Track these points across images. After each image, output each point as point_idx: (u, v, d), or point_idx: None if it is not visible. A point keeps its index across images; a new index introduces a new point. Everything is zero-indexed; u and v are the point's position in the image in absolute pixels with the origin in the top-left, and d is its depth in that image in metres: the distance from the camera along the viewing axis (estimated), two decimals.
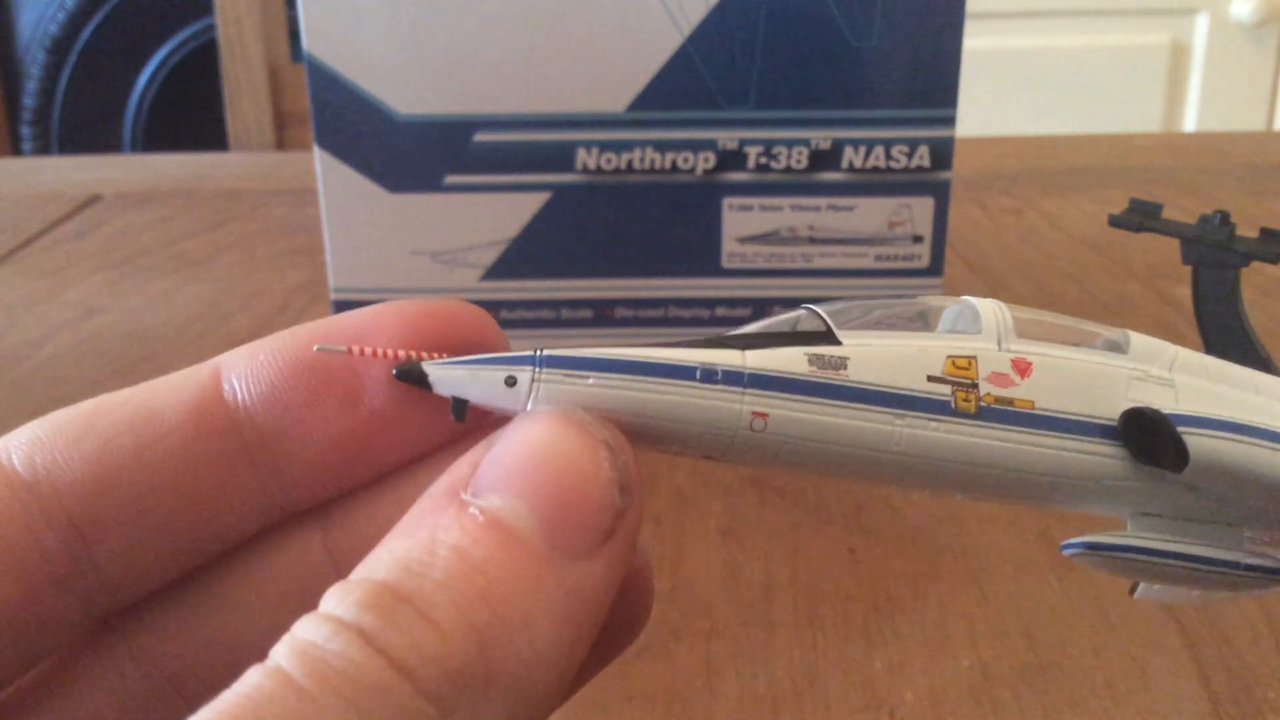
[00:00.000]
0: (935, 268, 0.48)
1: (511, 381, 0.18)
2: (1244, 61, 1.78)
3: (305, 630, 0.14)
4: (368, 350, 0.18)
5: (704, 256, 0.48)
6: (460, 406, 0.18)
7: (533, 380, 0.18)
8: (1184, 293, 0.24)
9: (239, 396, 0.19)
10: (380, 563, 0.15)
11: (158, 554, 0.19)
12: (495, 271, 0.48)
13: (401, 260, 0.48)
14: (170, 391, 0.19)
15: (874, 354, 0.19)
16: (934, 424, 0.19)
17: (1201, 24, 1.78)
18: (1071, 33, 1.76)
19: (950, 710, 0.31)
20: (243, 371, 0.19)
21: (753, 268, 0.48)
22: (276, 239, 0.72)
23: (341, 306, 0.49)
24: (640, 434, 0.18)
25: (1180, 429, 0.19)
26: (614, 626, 0.21)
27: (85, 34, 1.56)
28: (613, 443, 0.17)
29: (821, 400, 0.18)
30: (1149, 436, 0.19)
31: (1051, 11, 1.76)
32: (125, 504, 0.18)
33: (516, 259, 0.48)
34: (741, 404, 0.18)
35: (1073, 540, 0.20)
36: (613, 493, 0.16)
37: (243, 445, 0.19)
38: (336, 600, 0.15)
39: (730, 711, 0.31)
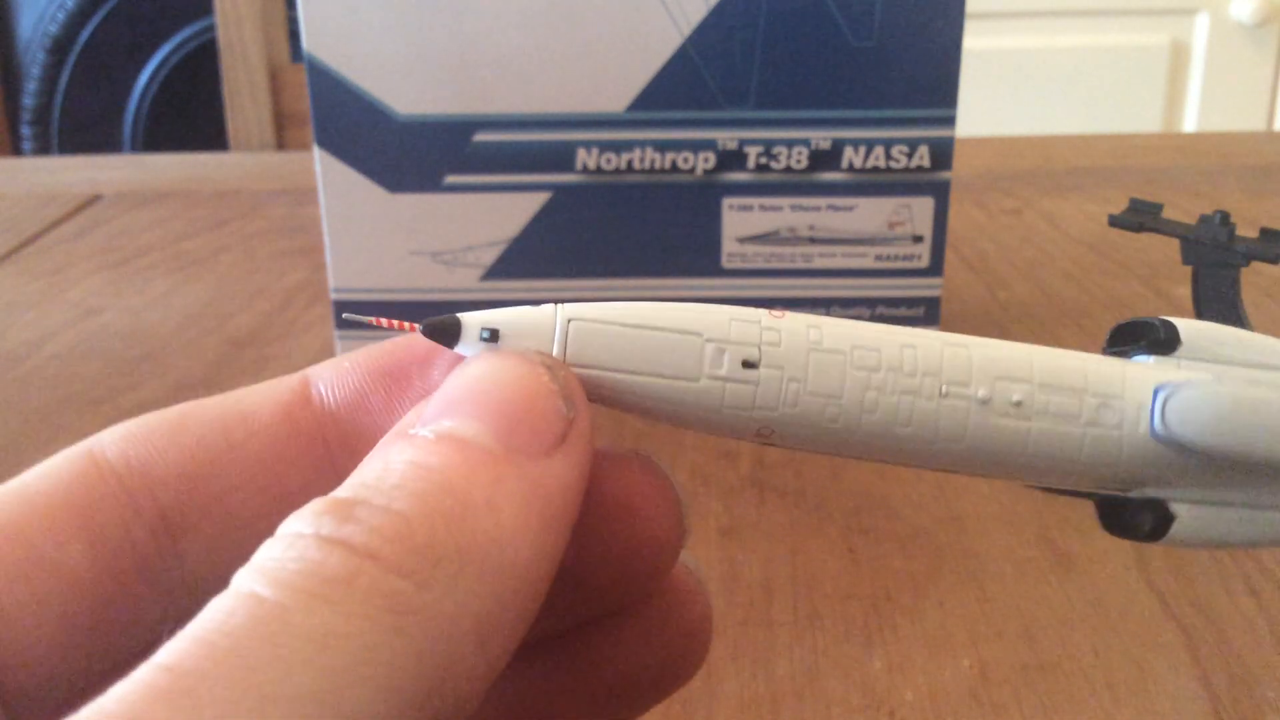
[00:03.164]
0: (935, 268, 0.48)
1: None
2: (1244, 61, 1.78)
3: (263, 552, 0.14)
4: (395, 323, 0.19)
5: (704, 256, 0.48)
6: None
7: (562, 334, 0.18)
8: (1184, 293, 0.24)
9: (325, 400, 0.20)
10: (337, 490, 0.15)
11: (242, 551, 0.19)
12: (495, 271, 0.48)
13: (401, 260, 0.48)
14: (260, 396, 0.20)
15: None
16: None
17: (1201, 24, 1.78)
18: (1071, 33, 1.77)
19: (950, 710, 0.31)
20: (328, 377, 0.20)
21: (753, 268, 0.48)
22: (276, 239, 0.72)
23: (341, 306, 0.49)
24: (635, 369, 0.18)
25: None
26: (665, 662, 0.21)
27: (85, 34, 1.56)
28: (550, 364, 0.17)
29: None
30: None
31: (1051, 11, 1.76)
32: (214, 500, 0.19)
33: (516, 259, 0.48)
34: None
35: None
36: (557, 401, 0.17)
37: (326, 447, 0.20)
38: (292, 520, 0.15)
39: (730, 711, 0.31)
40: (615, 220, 0.48)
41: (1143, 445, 0.19)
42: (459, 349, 0.18)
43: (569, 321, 0.18)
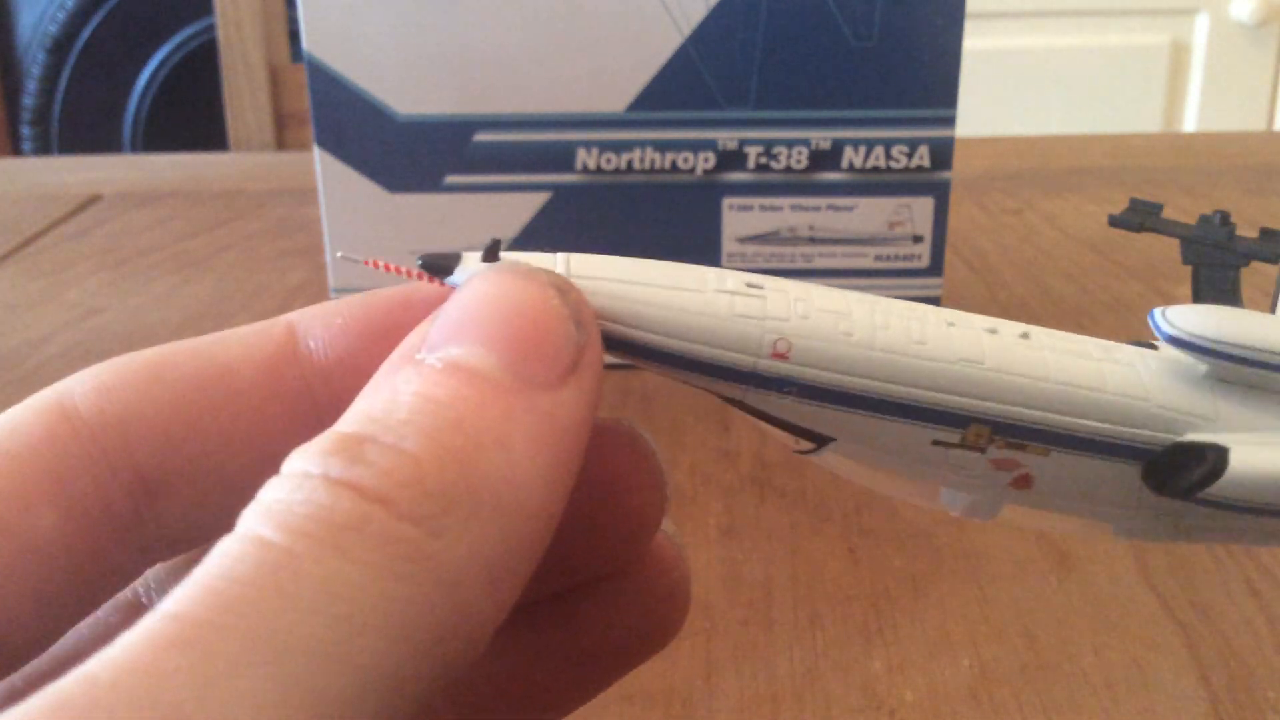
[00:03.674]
0: (935, 268, 0.48)
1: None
2: (1244, 61, 1.78)
3: (269, 492, 0.14)
4: (393, 266, 0.18)
5: (704, 256, 0.48)
6: None
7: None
8: (1184, 293, 0.24)
9: (313, 356, 0.19)
10: (342, 421, 0.15)
11: (219, 510, 0.18)
12: None
13: (401, 260, 0.48)
14: (242, 347, 0.19)
15: None
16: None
17: (1201, 24, 1.78)
18: (1071, 33, 1.77)
19: (950, 710, 0.31)
20: (320, 334, 0.19)
21: (753, 268, 0.48)
22: (276, 239, 0.72)
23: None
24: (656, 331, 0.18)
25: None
26: (646, 627, 0.21)
27: (85, 34, 1.56)
28: (560, 285, 0.16)
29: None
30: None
31: (1051, 11, 1.76)
32: (194, 460, 0.18)
33: None
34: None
35: (1160, 323, 0.19)
36: (568, 326, 0.16)
37: (313, 405, 0.19)
38: (296, 457, 0.14)
39: (730, 711, 0.31)
40: (615, 220, 0.48)
41: (1161, 371, 0.19)
42: (457, 276, 0.18)
43: (569, 258, 0.18)
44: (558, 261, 0.18)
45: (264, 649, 0.12)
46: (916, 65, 0.45)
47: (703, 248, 0.48)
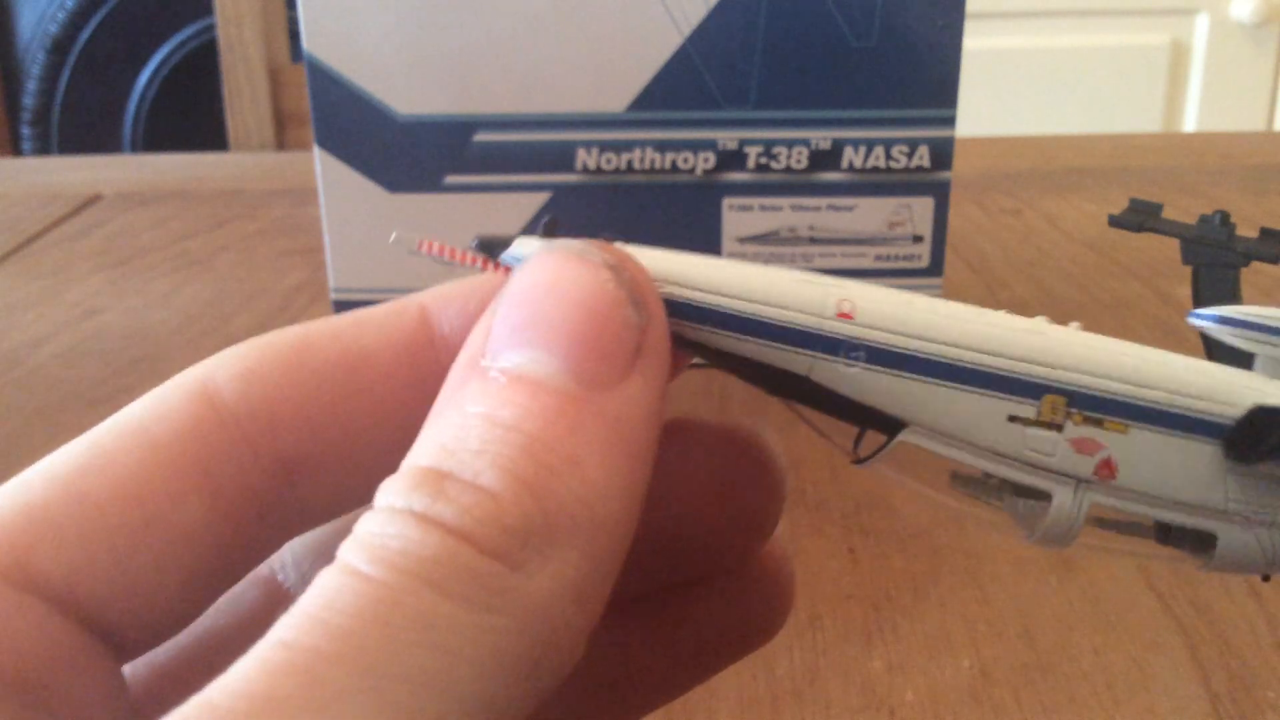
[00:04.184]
0: (935, 268, 0.48)
1: None
2: (1244, 61, 1.78)
3: (364, 525, 0.14)
4: (447, 249, 0.18)
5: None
6: None
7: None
8: (1184, 293, 0.24)
9: (450, 341, 0.19)
10: (420, 449, 0.15)
11: (356, 488, 0.19)
12: None
13: (401, 260, 0.48)
14: (379, 331, 0.19)
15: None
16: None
17: (1201, 24, 1.78)
18: (1071, 33, 1.77)
19: (950, 710, 0.31)
20: (453, 318, 0.19)
21: None
22: (276, 239, 0.72)
23: (341, 306, 0.49)
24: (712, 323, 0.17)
25: None
26: (750, 625, 0.21)
27: (85, 34, 1.56)
28: (613, 262, 0.16)
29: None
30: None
31: (1051, 11, 1.76)
32: (335, 444, 0.18)
33: None
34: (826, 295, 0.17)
35: (1203, 311, 0.19)
36: (626, 311, 0.16)
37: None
38: (386, 492, 0.15)
39: (730, 711, 0.31)
40: (615, 220, 0.48)
41: (1211, 365, 0.19)
42: (514, 249, 0.17)
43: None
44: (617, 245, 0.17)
45: (369, 677, 0.13)
46: (916, 65, 0.45)
47: (703, 248, 0.48)
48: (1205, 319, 0.19)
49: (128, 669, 0.18)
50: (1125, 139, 0.97)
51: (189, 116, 1.51)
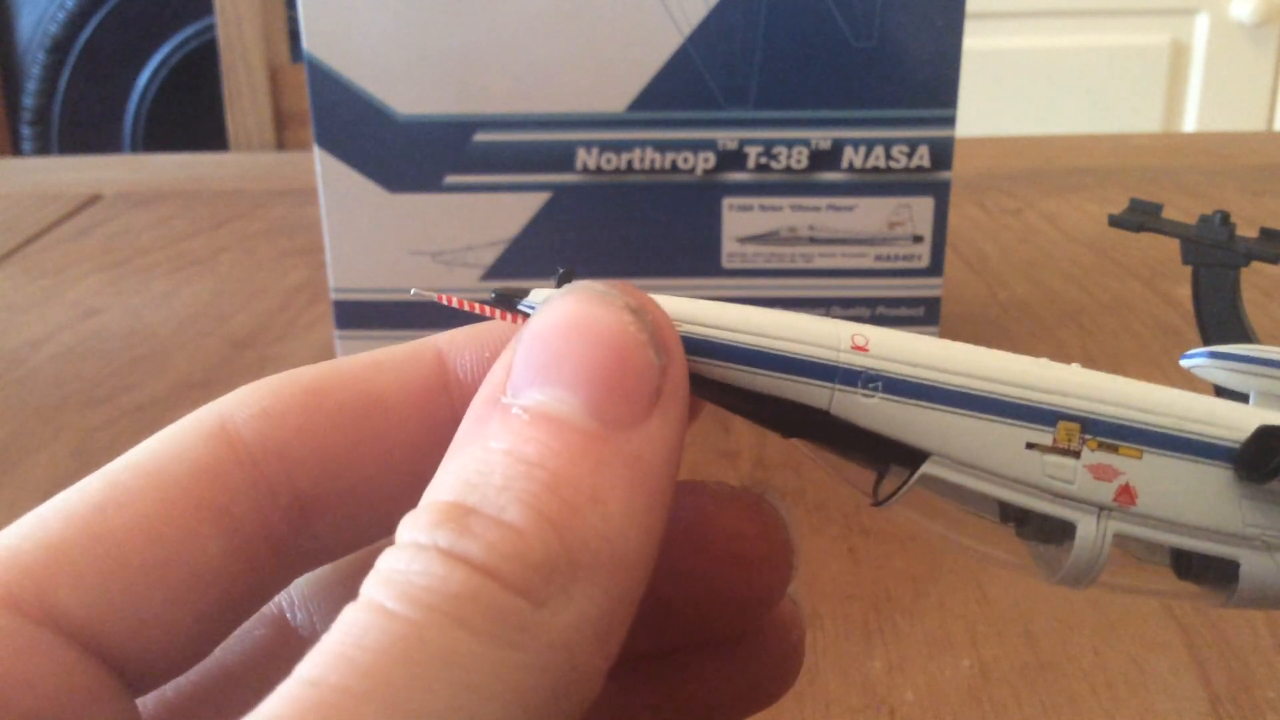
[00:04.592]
0: (935, 268, 0.48)
1: None
2: (1244, 61, 1.78)
3: (387, 561, 0.15)
4: (466, 303, 0.19)
5: (704, 256, 0.48)
6: None
7: None
8: (1184, 293, 0.24)
9: (465, 385, 0.19)
10: (442, 484, 0.15)
11: (370, 527, 0.19)
12: (495, 271, 0.48)
13: (401, 260, 0.48)
14: (396, 373, 0.19)
15: None
16: None
17: (1201, 24, 1.78)
18: (1071, 33, 1.77)
19: (950, 710, 0.31)
20: (469, 362, 0.19)
21: (753, 268, 0.48)
22: (276, 239, 0.72)
23: (341, 306, 0.49)
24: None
25: None
26: (758, 686, 0.21)
27: (85, 34, 1.56)
28: (634, 305, 0.17)
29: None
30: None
31: (1051, 11, 1.76)
32: (351, 485, 0.19)
33: (516, 259, 0.48)
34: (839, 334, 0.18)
35: (1195, 351, 0.19)
36: (648, 354, 0.16)
37: None
38: (409, 528, 0.15)
39: None
40: (615, 220, 0.48)
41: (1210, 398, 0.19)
42: (532, 298, 0.18)
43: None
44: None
45: (396, 714, 0.13)
46: (916, 65, 0.45)
47: (703, 248, 0.48)
48: (1197, 358, 0.19)
49: (139, 703, 0.18)
50: (1125, 139, 0.97)
51: (189, 116, 1.51)
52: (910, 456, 0.18)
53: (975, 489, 0.19)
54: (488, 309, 0.18)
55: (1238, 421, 0.19)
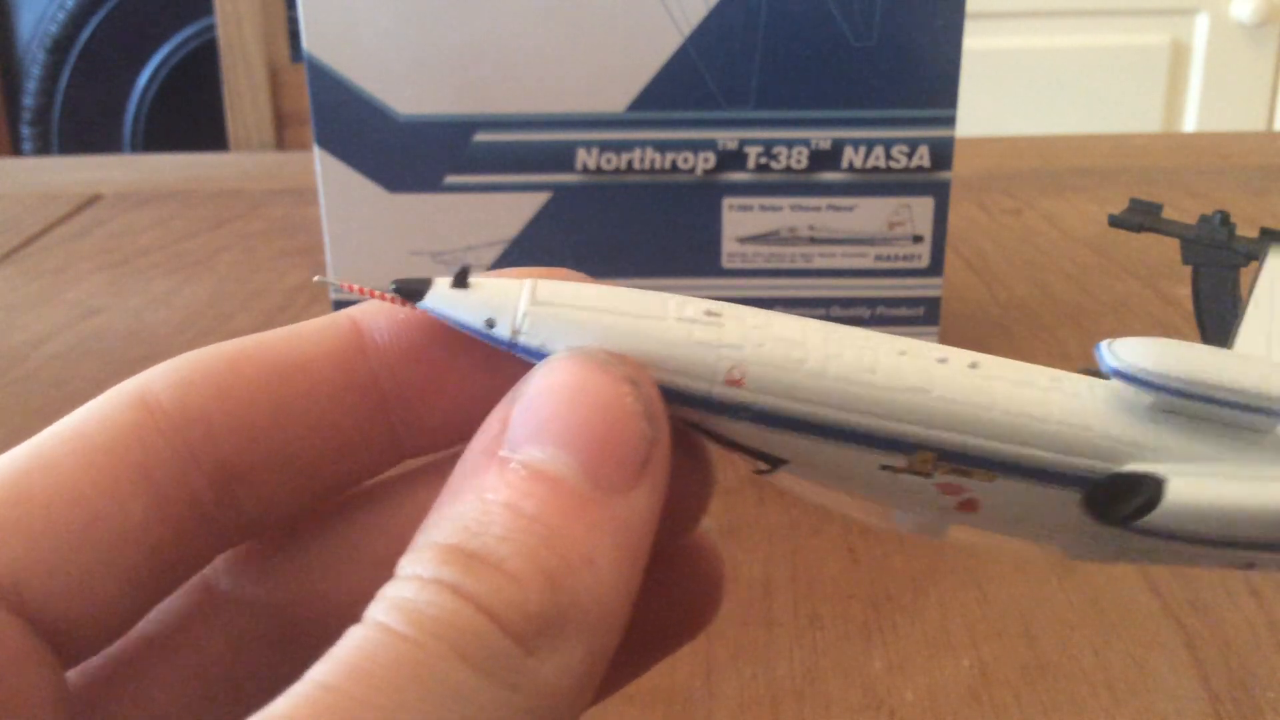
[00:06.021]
0: (935, 268, 0.48)
1: (490, 324, 0.18)
2: (1244, 61, 1.78)
3: (394, 590, 0.15)
4: (366, 289, 0.19)
5: (704, 256, 0.48)
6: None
7: (514, 333, 0.18)
8: (1184, 293, 0.24)
9: (382, 351, 0.20)
10: (439, 528, 0.16)
11: (294, 497, 0.20)
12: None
13: (401, 260, 0.48)
14: (313, 343, 0.20)
15: None
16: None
17: (1201, 24, 1.78)
18: (1071, 33, 1.77)
19: (950, 710, 0.31)
20: (384, 327, 0.20)
21: (753, 268, 0.48)
22: (276, 239, 0.72)
23: (341, 306, 0.49)
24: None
25: None
26: (681, 615, 0.21)
27: (85, 34, 1.56)
28: (634, 376, 0.17)
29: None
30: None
31: (1051, 11, 1.76)
32: (273, 450, 0.19)
33: (516, 259, 0.48)
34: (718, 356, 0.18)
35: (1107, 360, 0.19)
36: (642, 424, 0.17)
37: (381, 397, 0.20)
38: (411, 563, 0.15)
39: (730, 711, 0.31)
40: (615, 220, 0.48)
41: (1107, 400, 0.19)
42: (428, 300, 0.19)
43: (536, 283, 0.19)
44: (524, 286, 0.18)
45: None
46: (916, 65, 0.45)
47: (703, 248, 0.48)
48: (1103, 362, 0.19)
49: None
50: (1125, 139, 0.97)
51: (189, 116, 1.51)
52: (774, 459, 0.20)
53: (830, 487, 0.20)
54: (388, 298, 0.19)
55: (1111, 451, 0.19)
